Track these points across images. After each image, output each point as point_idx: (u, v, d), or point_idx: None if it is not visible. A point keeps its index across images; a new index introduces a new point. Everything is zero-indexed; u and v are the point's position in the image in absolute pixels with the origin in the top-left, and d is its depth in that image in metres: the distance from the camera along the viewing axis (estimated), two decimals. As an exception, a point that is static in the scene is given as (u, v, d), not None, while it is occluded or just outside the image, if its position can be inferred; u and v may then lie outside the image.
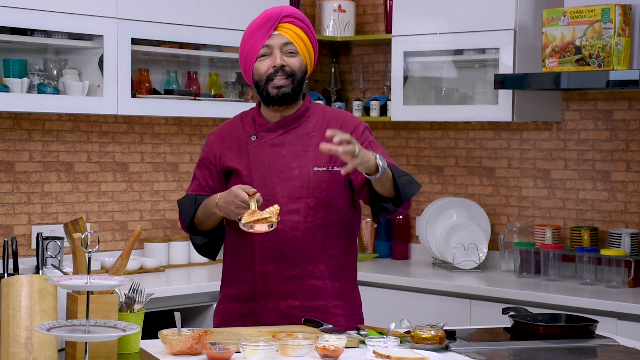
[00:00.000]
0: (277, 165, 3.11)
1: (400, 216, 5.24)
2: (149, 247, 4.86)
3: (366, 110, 5.40)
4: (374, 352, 2.61)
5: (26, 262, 4.25)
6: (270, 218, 2.87)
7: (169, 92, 4.74)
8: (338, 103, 5.50)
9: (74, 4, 4.21)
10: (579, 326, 3.05)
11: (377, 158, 2.87)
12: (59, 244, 4.14)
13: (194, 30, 4.64)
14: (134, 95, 4.51)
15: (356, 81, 5.60)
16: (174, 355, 2.64)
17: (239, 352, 2.58)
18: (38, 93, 4.24)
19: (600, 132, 4.72)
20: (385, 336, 2.78)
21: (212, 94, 4.96)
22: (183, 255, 4.91)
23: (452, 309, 4.45)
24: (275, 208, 2.89)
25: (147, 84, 4.75)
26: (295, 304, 3.10)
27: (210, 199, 3.07)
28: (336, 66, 5.60)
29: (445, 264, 4.96)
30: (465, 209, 5.03)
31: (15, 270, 3.37)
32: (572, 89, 4.55)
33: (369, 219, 5.30)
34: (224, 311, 3.21)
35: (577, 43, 4.23)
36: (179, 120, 5.04)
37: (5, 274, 3.24)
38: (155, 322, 3.64)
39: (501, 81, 4.48)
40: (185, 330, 2.71)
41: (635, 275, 4.36)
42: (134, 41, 4.45)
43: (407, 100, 5.00)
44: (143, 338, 2.74)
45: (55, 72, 4.39)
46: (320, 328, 2.91)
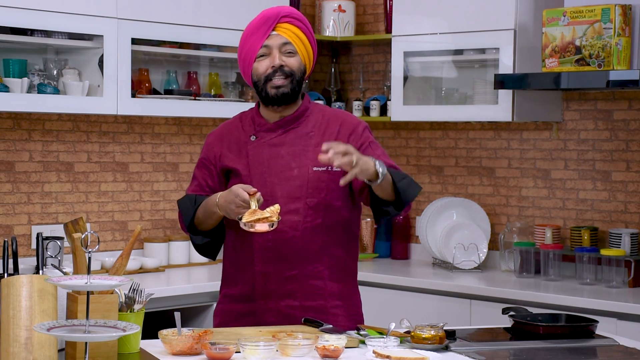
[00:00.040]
0: (277, 165, 3.11)
1: (401, 216, 5.24)
2: (149, 247, 4.86)
3: (366, 110, 5.40)
4: (374, 352, 2.61)
5: (26, 262, 4.25)
6: (271, 217, 2.87)
7: (169, 92, 4.74)
8: (338, 103, 5.50)
9: (74, 4, 4.21)
10: (579, 326, 3.05)
11: (377, 165, 2.87)
12: (59, 244, 4.14)
13: (194, 30, 4.64)
14: (134, 95, 4.51)
15: (356, 81, 5.60)
16: (174, 355, 2.64)
17: (239, 352, 2.58)
18: (38, 93, 4.24)
19: (600, 132, 4.72)
20: (385, 336, 2.78)
21: (212, 94, 4.96)
22: (183, 255, 4.91)
23: (452, 309, 4.45)
24: (276, 207, 2.89)
25: (147, 84, 4.75)
26: (294, 304, 3.10)
27: (210, 199, 3.07)
28: (336, 66, 5.60)
29: (445, 264, 4.96)
30: (465, 209, 5.03)
31: (15, 270, 3.37)
32: (572, 89, 4.55)
33: (369, 219, 5.30)
34: (224, 311, 3.21)
35: (577, 43, 4.23)
36: (179, 120, 5.04)
37: (5, 274, 3.23)
38: (155, 322, 3.64)
39: (501, 81, 4.48)
40: (185, 330, 2.71)
41: (635, 275, 4.36)
42: (134, 41, 4.45)
43: (407, 100, 5.00)
44: (143, 338, 2.74)
45: (55, 72, 4.39)
46: (320, 328, 2.91)
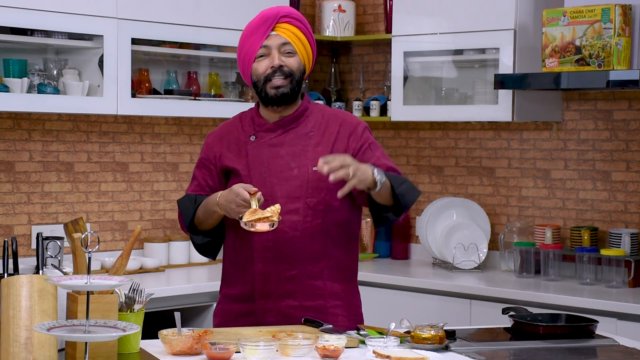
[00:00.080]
0: (276, 165, 3.11)
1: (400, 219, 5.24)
2: (149, 247, 4.86)
3: (366, 110, 5.40)
4: (374, 352, 2.61)
5: (26, 262, 4.25)
6: (272, 217, 2.87)
7: (169, 92, 4.74)
8: (338, 103, 5.50)
9: (74, 4, 4.21)
10: (579, 326, 3.05)
11: (375, 173, 2.91)
12: (59, 244, 4.14)
13: (194, 30, 4.64)
14: (134, 95, 4.51)
15: (356, 81, 5.60)
16: (174, 355, 2.64)
17: (239, 352, 2.58)
18: (38, 93, 4.24)
19: (600, 132, 4.72)
20: (385, 336, 2.78)
21: (212, 94, 4.96)
22: (183, 255, 4.91)
23: (452, 309, 4.45)
24: (276, 207, 2.89)
25: (147, 84, 4.75)
26: (294, 304, 3.10)
27: (210, 198, 3.07)
28: (336, 66, 5.60)
29: (445, 264, 4.96)
30: (465, 209, 5.03)
31: (15, 270, 3.37)
32: (572, 89, 4.55)
33: (369, 219, 5.30)
34: (224, 311, 3.21)
35: (577, 43, 4.23)
36: (179, 120, 5.04)
37: (5, 274, 3.23)
38: (155, 322, 3.64)
39: (501, 81, 4.48)
40: (185, 330, 2.71)
41: (635, 275, 4.36)
42: (134, 41, 4.45)
43: (407, 100, 5.00)
44: (143, 338, 2.74)
45: (55, 72, 4.39)
46: (320, 328, 2.91)
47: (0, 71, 4.25)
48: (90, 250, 2.44)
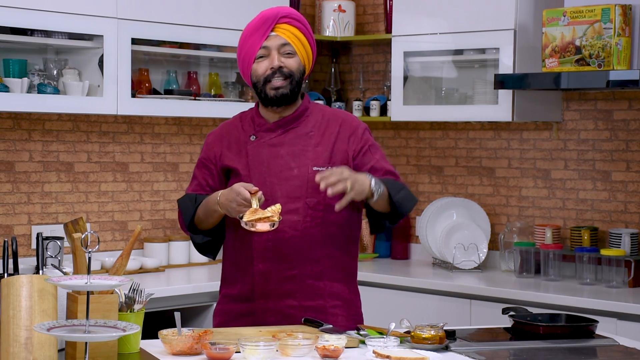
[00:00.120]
0: (276, 165, 3.11)
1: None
2: (149, 247, 4.86)
3: (366, 110, 5.40)
4: (374, 352, 2.61)
5: (26, 262, 4.25)
6: (272, 217, 2.87)
7: (169, 92, 4.74)
8: (338, 103, 5.50)
9: (74, 4, 4.21)
10: (579, 326, 3.05)
11: (372, 184, 2.93)
12: (59, 244, 4.14)
13: (194, 30, 4.64)
14: (134, 95, 4.51)
15: (356, 81, 5.60)
16: (174, 355, 2.64)
17: (239, 352, 2.58)
18: (38, 93, 4.24)
19: (600, 132, 4.72)
20: (385, 336, 2.78)
21: (212, 94, 4.96)
22: (183, 255, 4.91)
23: (452, 309, 4.45)
24: (277, 207, 2.89)
25: (147, 84, 4.75)
26: (294, 304, 3.10)
27: (211, 197, 3.07)
28: (336, 66, 5.60)
29: (445, 264, 4.96)
30: (465, 209, 5.03)
31: (15, 270, 3.37)
32: (572, 89, 4.55)
33: (369, 219, 5.29)
34: (224, 311, 3.21)
35: (577, 43, 4.23)
36: (179, 120, 5.04)
37: (5, 274, 3.23)
38: (155, 322, 3.64)
39: (501, 81, 4.48)
40: (185, 330, 2.71)
41: (635, 275, 4.36)
42: (134, 41, 4.45)
43: (407, 100, 5.00)
44: (143, 338, 2.74)
45: (55, 72, 4.39)
46: (320, 328, 2.91)
47: (0, 71, 4.25)
48: (90, 250, 2.44)
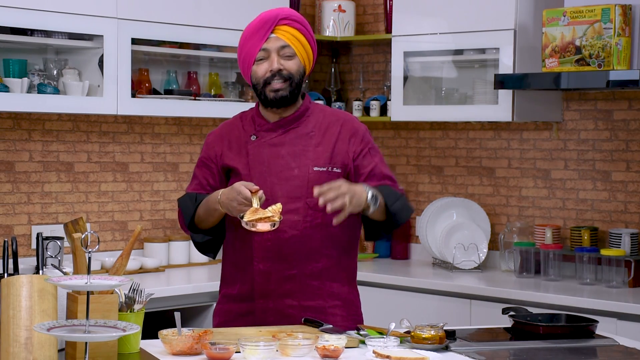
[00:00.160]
0: (277, 165, 3.11)
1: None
2: (149, 247, 4.86)
3: (366, 110, 5.39)
4: (374, 352, 2.61)
5: (26, 262, 4.25)
6: (273, 217, 2.87)
7: (169, 92, 4.74)
8: (338, 103, 5.50)
9: (74, 4, 4.21)
10: (579, 326, 3.05)
11: (369, 198, 2.96)
12: (59, 244, 4.14)
13: (194, 30, 4.64)
14: (134, 95, 4.51)
15: (356, 81, 5.60)
16: (174, 355, 2.64)
17: (239, 352, 2.58)
18: (38, 93, 4.24)
19: (600, 132, 4.72)
20: (385, 336, 2.78)
21: (212, 94, 4.96)
22: (183, 255, 4.91)
23: (452, 309, 4.45)
24: (277, 206, 2.89)
25: (147, 84, 4.75)
26: (293, 304, 3.10)
27: (211, 196, 3.07)
28: (336, 66, 5.60)
29: (445, 264, 4.96)
30: (465, 209, 5.03)
31: (15, 270, 3.37)
32: (572, 89, 4.55)
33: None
34: (223, 311, 3.21)
35: (577, 43, 4.23)
36: (179, 120, 5.04)
37: (5, 274, 3.23)
38: (155, 322, 3.64)
39: (501, 81, 4.48)
40: (185, 330, 2.71)
41: (635, 275, 4.36)
42: (134, 41, 4.45)
43: (407, 100, 5.00)
44: (143, 338, 2.74)
45: (55, 72, 4.38)
46: (320, 328, 2.91)
47: (0, 71, 4.25)
48: (90, 250, 2.44)
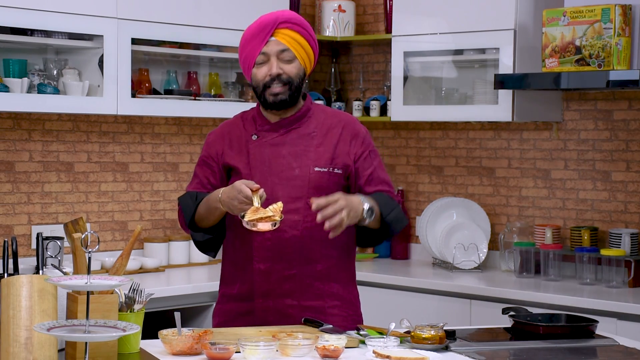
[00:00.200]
0: (278, 164, 3.11)
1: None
2: (149, 247, 4.86)
3: (366, 110, 5.39)
4: (374, 352, 2.61)
5: (26, 262, 4.25)
6: (274, 217, 2.87)
7: (169, 92, 4.74)
8: (338, 103, 5.50)
9: (74, 4, 4.21)
10: (579, 326, 3.05)
11: (365, 211, 2.98)
12: (59, 244, 4.14)
13: (194, 30, 4.64)
14: (134, 95, 4.51)
15: (356, 81, 5.60)
16: (174, 355, 2.64)
17: (239, 352, 2.58)
18: (38, 93, 4.24)
19: (600, 132, 4.72)
20: (385, 336, 2.78)
21: (212, 94, 4.96)
22: (183, 255, 4.91)
23: (452, 309, 4.45)
24: (278, 205, 2.89)
25: (147, 84, 4.75)
26: (293, 304, 3.11)
27: (212, 194, 3.07)
28: (336, 66, 5.60)
29: (445, 264, 4.96)
30: (465, 209, 5.03)
31: (15, 270, 3.37)
32: (572, 89, 4.55)
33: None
34: (223, 311, 3.21)
35: (577, 43, 4.23)
36: (179, 120, 5.04)
37: (5, 274, 3.23)
38: (155, 322, 3.64)
39: (501, 81, 4.48)
40: (185, 330, 2.71)
41: (635, 275, 4.36)
42: (134, 41, 4.45)
43: (407, 100, 5.00)
44: (143, 338, 2.74)
45: (55, 72, 4.38)
46: (320, 328, 2.91)
47: (0, 71, 4.25)
48: (90, 250, 2.44)
